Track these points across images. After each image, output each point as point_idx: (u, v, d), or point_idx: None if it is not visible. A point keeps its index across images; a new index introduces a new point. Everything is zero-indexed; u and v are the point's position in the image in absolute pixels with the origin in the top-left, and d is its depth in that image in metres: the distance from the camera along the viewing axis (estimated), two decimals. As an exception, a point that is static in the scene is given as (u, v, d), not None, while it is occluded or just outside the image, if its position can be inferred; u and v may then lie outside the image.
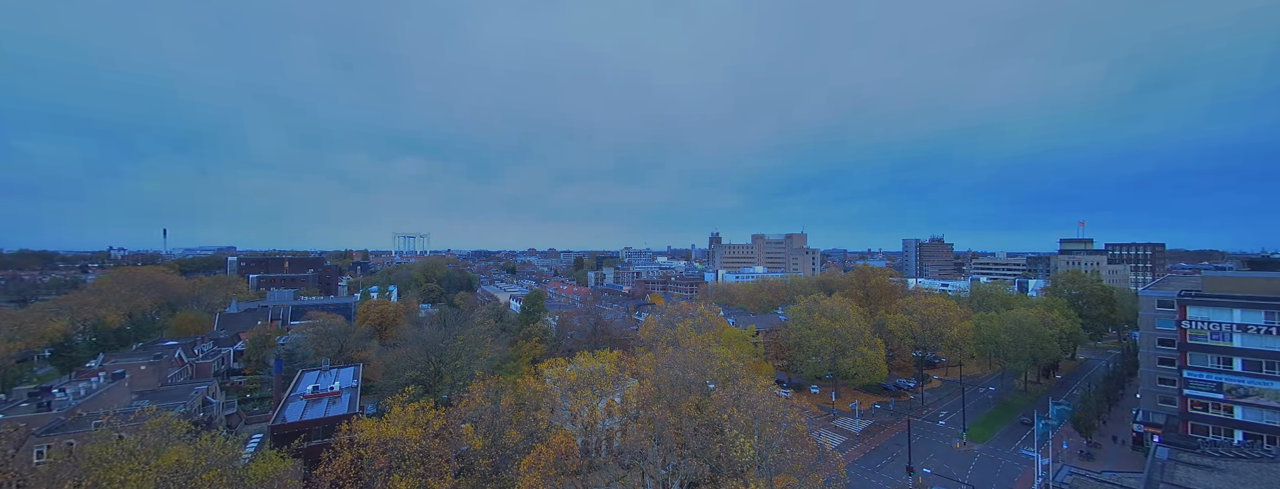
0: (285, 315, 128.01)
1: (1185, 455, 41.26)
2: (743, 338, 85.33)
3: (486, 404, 45.91)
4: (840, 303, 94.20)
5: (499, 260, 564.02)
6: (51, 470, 35.81)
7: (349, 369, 72.22)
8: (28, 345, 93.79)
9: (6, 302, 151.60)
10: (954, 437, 75.79)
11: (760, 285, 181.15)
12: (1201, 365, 65.06)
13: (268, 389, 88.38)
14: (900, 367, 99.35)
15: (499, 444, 42.41)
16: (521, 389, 52.38)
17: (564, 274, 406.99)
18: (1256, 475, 37.09)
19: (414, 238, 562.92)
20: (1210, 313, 64.73)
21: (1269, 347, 60.78)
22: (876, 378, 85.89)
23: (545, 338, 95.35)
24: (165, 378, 78.73)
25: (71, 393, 59.09)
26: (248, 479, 35.42)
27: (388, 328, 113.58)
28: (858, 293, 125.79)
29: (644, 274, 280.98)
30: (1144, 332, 77.10)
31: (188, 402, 63.87)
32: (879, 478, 62.89)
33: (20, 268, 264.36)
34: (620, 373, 58.60)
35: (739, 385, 48.33)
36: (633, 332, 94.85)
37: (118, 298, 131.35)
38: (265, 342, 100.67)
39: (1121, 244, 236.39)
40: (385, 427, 40.43)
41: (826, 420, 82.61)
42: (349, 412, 55.27)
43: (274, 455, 39.93)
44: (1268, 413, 60.81)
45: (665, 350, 61.10)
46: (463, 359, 71.41)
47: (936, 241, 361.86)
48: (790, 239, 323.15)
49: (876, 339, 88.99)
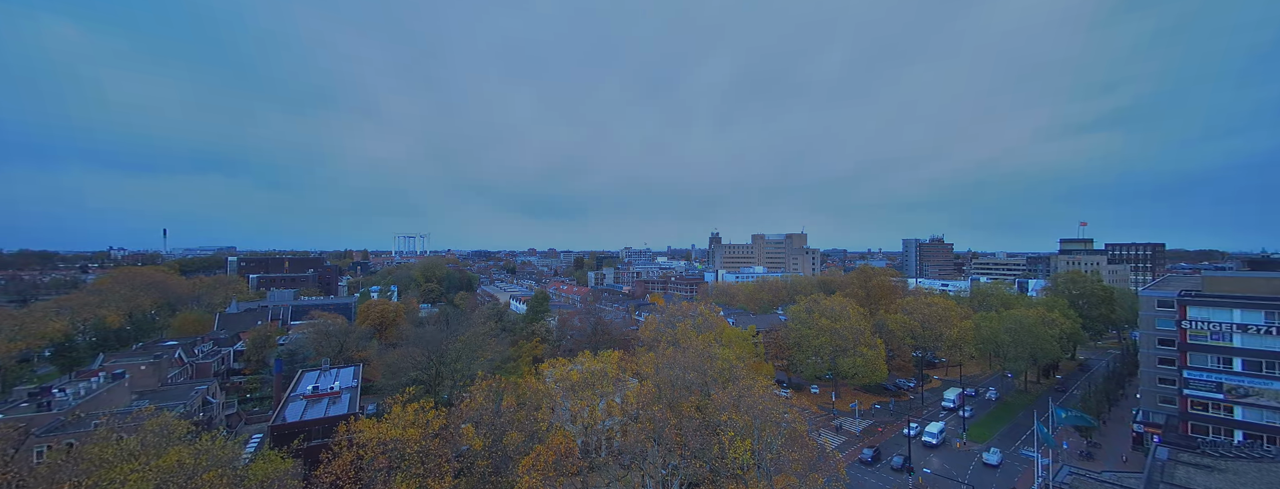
0: (285, 315, 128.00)
1: (1185, 455, 41.25)
2: (743, 338, 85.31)
3: (487, 404, 45.92)
4: (840, 303, 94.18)
5: (499, 260, 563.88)
6: (51, 471, 35.77)
7: (349, 369, 72.19)
8: (28, 345, 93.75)
9: (6, 302, 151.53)
10: (954, 437, 75.82)
11: (760, 285, 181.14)
12: (1201, 365, 65.03)
13: (268, 389, 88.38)
14: (900, 367, 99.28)
15: (500, 445, 42.42)
16: (522, 389, 52.37)
17: (564, 274, 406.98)
18: (1256, 475, 37.08)
19: (414, 238, 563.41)
20: (1210, 313, 64.70)
21: (1269, 347, 60.76)
22: (876, 378, 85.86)
23: (547, 338, 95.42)
24: (165, 378, 78.69)
25: (71, 393, 59.04)
26: (248, 479, 35.42)
27: (388, 328, 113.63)
28: (858, 293, 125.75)
29: (644, 274, 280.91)
30: (1144, 332, 77.05)
31: (188, 402, 63.80)
32: (879, 478, 62.90)
33: (20, 268, 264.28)
34: (621, 373, 58.58)
35: (739, 386, 48.35)
36: (633, 332, 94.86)
37: (118, 298, 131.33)
38: (265, 342, 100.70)
39: (1121, 244, 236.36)
40: (385, 427, 40.43)
41: (826, 420, 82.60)
42: (349, 412, 55.25)
43: (274, 455, 39.94)
44: (1268, 413, 60.79)
45: (665, 351, 61.10)
46: (463, 359, 71.43)
47: (936, 241, 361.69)
48: (790, 239, 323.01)
49: (876, 339, 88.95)
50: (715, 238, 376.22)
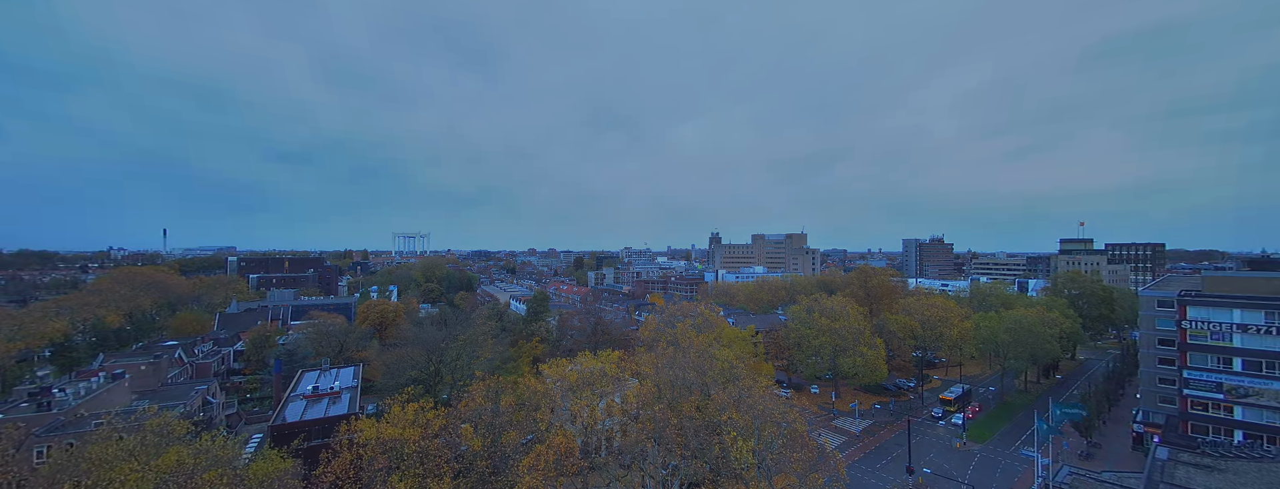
0: (285, 315, 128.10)
1: (1185, 455, 41.26)
2: (743, 338, 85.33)
3: (486, 404, 45.89)
4: (840, 303, 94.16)
5: (499, 260, 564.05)
6: (52, 471, 35.78)
7: (349, 369, 72.20)
8: (28, 345, 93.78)
9: (6, 302, 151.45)
10: (954, 436, 75.82)
11: (760, 285, 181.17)
12: (1201, 365, 65.05)
13: (268, 389, 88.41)
14: (900, 367, 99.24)
15: (499, 445, 42.40)
16: (522, 389, 52.35)
17: (564, 274, 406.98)
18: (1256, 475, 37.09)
19: (414, 238, 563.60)
20: (1210, 313, 64.72)
21: (1269, 347, 60.78)
22: (876, 378, 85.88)
23: (546, 338, 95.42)
24: (165, 378, 78.77)
25: (71, 393, 59.12)
26: (248, 479, 35.41)
27: (388, 328, 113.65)
28: (858, 293, 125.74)
29: (644, 274, 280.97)
30: (1144, 332, 77.07)
31: (188, 402, 63.84)
32: (879, 478, 62.87)
33: (20, 268, 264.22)
34: (621, 373, 58.56)
35: (739, 386, 48.34)
36: (633, 332, 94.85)
37: (118, 298, 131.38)
38: (265, 342, 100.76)
39: (1121, 244, 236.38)
40: (385, 427, 40.41)
41: (826, 420, 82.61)
42: (349, 412, 55.25)
43: (274, 455, 39.98)
44: (1268, 413, 60.81)
45: (665, 350, 61.08)
46: (463, 359, 71.42)
47: (936, 241, 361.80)
48: (790, 239, 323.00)
49: (876, 339, 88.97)
50: (715, 238, 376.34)
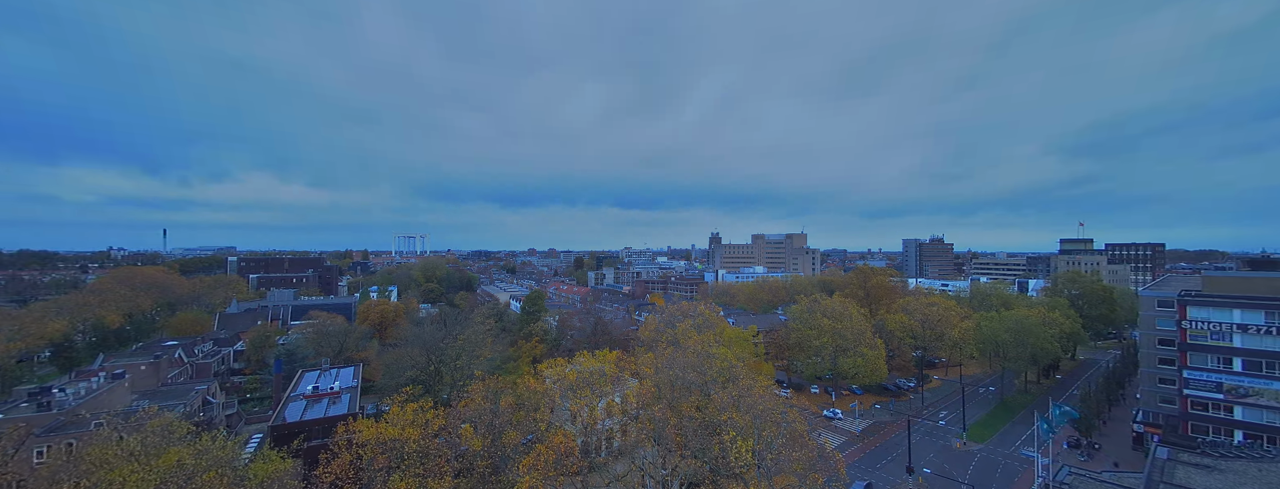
0: (285, 315, 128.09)
1: (1185, 455, 41.22)
2: (743, 338, 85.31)
3: (486, 404, 45.91)
4: (840, 303, 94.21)
5: (499, 260, 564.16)
6: (52, 471, 35.79)
7: (349, 369, 72.24)
8: (28, 345, 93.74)
9: (6, 302, 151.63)
10: (954, 437, 75.81)
11: (760, 285, 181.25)
12: (1201, 365, 65.02)
13: (268, 389, 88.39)
14: (900, 367, 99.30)
15: (499, 445, 42.41)
16: (521, 389, 52.36)
17: (564, 274, 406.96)
18: (1256, 475, 37.06)
19: (414, 238, 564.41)
20: (1210, 313, 64.69)
21: (1269, 347, 60.76)
22: (877, 378, 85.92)
23: (545, 338, 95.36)
24: (165, 378, 78.75)
25: (71, 393, 59.04)
26: (248, 479, 35.44)
27: (388, 328, 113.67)
28: (858, 293, 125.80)
29: (644, 274, 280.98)
30: (1144, 332, 77.05)
31: (188, 402, 63.81)
32: (879, 478, 62.88)
33: (20, 268, 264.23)
34: (620, 373, 58.58)
35: (739, 386, 48.34)
36: (633, 332, 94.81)
37: (118, 298, 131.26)
38: (265, 342, 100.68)
39: (1121, 244, 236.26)
40: (385, 427, 40.41)
41: (826, 421, 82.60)
42: (349, 412, 55.28)
43: (274, 456, 39.96)
44: (1268, 413, 60.79)
45: (665, 350, 61.11)
46: (463, 359, 71.39)
47: (936, 241, 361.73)
48: (790, 239, 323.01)
49: (877, 339, 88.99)
50: (715, 238, 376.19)
